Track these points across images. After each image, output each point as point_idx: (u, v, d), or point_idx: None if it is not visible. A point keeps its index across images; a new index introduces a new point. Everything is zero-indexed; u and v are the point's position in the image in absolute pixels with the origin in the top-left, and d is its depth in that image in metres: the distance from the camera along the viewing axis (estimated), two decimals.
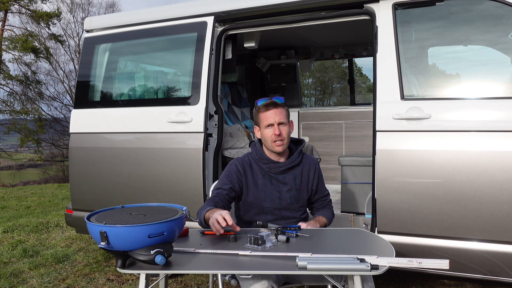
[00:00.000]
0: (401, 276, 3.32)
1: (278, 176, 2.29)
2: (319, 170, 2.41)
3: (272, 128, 2.22)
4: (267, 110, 2.23)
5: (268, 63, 5.23)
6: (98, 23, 3.70)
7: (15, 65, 26.60)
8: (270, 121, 2.22)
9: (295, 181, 2.31)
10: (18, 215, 6.15)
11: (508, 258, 2.33)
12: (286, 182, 2.30)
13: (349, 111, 4.82)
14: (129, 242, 1.55)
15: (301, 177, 2.33)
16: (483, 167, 2.36)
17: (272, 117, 2.22)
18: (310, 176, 2.36)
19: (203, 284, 3.31)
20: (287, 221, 2.31)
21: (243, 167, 2.30)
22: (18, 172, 23.63)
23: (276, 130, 2.20)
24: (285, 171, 2.30)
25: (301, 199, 2.34)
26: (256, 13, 3.10)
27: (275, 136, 2.21)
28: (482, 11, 2.51)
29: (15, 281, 3.45)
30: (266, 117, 2.23)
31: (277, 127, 2.21)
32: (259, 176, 2.29)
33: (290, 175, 2.31)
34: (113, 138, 3.46)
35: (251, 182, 2.28)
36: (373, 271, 1.51)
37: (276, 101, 2.25)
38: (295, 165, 2.32)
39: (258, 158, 2.30)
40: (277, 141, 2.22)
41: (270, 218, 2.29)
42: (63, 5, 23.29)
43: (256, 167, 2.31)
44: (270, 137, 2.22)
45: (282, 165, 2.28)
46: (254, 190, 2.28)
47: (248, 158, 2.35)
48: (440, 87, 2.65)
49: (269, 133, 2.22)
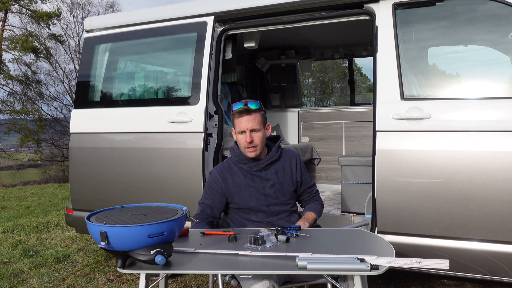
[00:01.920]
0: (401, 276, 3.32)
1: (260, 173, 2.32)
2: (300, 162, 2.44)
3: (244, 134, 2.24)
4: (240, 117, 2.24)
5: (268, 63, 5.23)
6: (98, 23, 3.70)
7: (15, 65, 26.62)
8: (242, 127, 2.24)
9: (277, 175, 2.34)
10: (18, 215, 6.15)
11: (508, 258, 2.33)
12: (269, 177, 2.32)
13: (349, 111, 4.82)
14: (129, 242, 1.55)
15: (283, 171, 2.36)
16: (483, 167, 2.36)
17: (244, 124, 2.23)
18: (293, 168, 2.39)
19: (203, 284, 3.31)
20: (279, 217, 2.32)
21: (222, 173, 2.33)
22: (18, 172, 23.63)
23: (247, 138, 2.22)
24: (265, 167, 2.32)
25: (286, 192, 2.35)
26: (256, 13, 3.10)
27: (246, 143, 2.24)
28: (482, 11, 2.51)
29: (15, 281, 3.45)
30: (239, 123, 2.25)
31: (249, 134, 2.22)
32: (240, 178, 2.31)
33: (271, 170, 2.33)
34: (113, 138, 3.46)
35: (233, 186, 2.31)
36: (373, 271, 1.51)
37: (250, 107, 2.24)
38: (275, 160, 2.35)
39: (237, 160, 2.33)
40: (249, 147, 2.24)
41: (262, 216, 2.30)
42: (63, 5, 23.34)
43: (236, 169, 2.33)
44: (243, 143, 2.26)
45: (262, 161, 2.31)
46: (237, 192, 2.30)
47: (227, 162, 2.39)
48: (440, 87, 2.65)
49: (242, 139, 2.25)
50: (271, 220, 2.30)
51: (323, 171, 4.89)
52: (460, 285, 3.15)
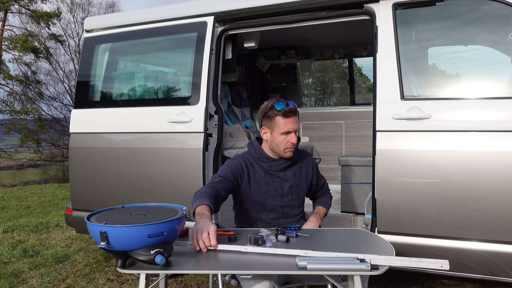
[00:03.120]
0: (401, 276, 3.32)
1: (279, 173, 2.31)
2: (315, 164, 2.46)
3: (289, 135, 2.21)
4: (288, 117, 2.21)
5: (268, 63, 5.23)
6: (98, 23, 3.70)
7: (15, 65, 26.62)
8: (289, 128, 2.20)
9: (295, 177, 2.34)
10: (18, 215, 6.15)
11: (508, 258, 2.33)
12: (288, 178, 2.32)
13: (349, 111, 4.82)
14: (129, 242, 1.55)
15: (301, 173, 2.37)
16: (483, 167, 2.36)
17: (291, 125, 2.21)
18: (309, 171, 2.40)
19: (203, 284, 3.31)
20: (289, 220, 2.32)
21: (245, 164, 2.29)
22: (18, 172, 23.61)
23: (293, 139, 2.21)
24: (286, 168, 2.32)
25: (300, 195, 2.37)
26: (256, 13, 3.10)
27: (290, 144, 2.22)
28: (483, 11, 2.51)
29: (15, 281, 3.45)
30: (285, 124, 2.20)
31: (294, 135, 2.22)
32: (260, 174, 2.29)
33: (290, 172, 2.33)
34: (113, 138, 3.45)
35: (253, 180, 2.28)
36: (373, 271, 1.51)
37: (295, 108, 2.24)
38: (294, 161, 2.35)
39: (257, 157, 2.31)
40: (291, 148, 2.24)
41: (273, 216, 2.30)
42: (63, 5, 23.30)
43: (256, 165, 2.31)
44: (285, 144, 2.22)
45: (283, 162, 2.30)
46: (256, 187, 2.28)
47: (246, 157, 2.35)
48: (440, 87, 2.65)
49: (284, 140, 2.22)
50: (281, 223, 2.28)
51: (323, 171, 4.86)
52: (460, 285, 3.15)
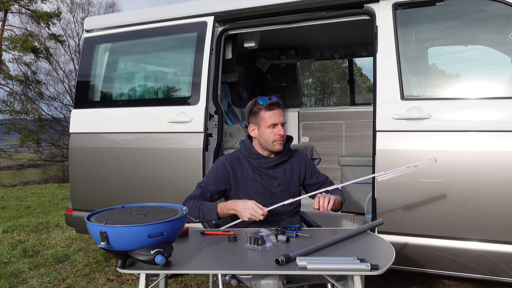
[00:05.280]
0: (401, 276, 3.32)
1: (268, 171, 2.32)
2: (309, 163, 2.45)
3: (276, 128, 2.24)
4: (271, 110, 2.25)
5: (268, 63, 5.23)
6: (98, 23, 3.70)
7: (15, 65, 26.58)
8: (274, 121, 2.24)
9: (285, 175, 2.34)
10: (18, 215, 6.15)
11: (508, 258, 2.33)
12: (276, 176, 2.32)
13: (349, 111, 4.82)
14: (129, 242, 1.55)
15: (291, 171, 2.37)
16: (483, 167, 2.36)
17: (276, 118, 2.25)
18: (301, 169, 2.40)
19: (203, 284, 3.31)
20: (282, 217, 2.31)
21: (231, 163, 2.31)
22: (18, 172, 23.60)
23: (281, 131, 2.24)
24: (275, 165, 2.32)
25: (291, 193, 2.35)
26: (256, 13, 3.10)
27: (278, 136, 2.24)
28: (483, 11, 2.51)
29: (15, 281, 3.45)
30: (271, 117, 2.24)
31: (281, 127, 2.24)
32: (249, 171, 2.31)
33: (280, 170, 2.34)
34: (113, 138, 3.45)
35: (241, 178, 2.30)
36: (373, 271, 1.51)
37: (278, 101, 2.28)
38: (285, 160, 2.36)
39: (247, 154, 2.32)
40: (280, 140, 2.25)
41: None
42: (63, 5, 23.25)
43: (245, 162, 2.33)
44: (273, 137, 2.24)
45: (272, 160, 2.31)
46: (244, 186, 2.30)
47: (237, 154, 2.37)
48: (440, 87, 2.65)
49: (272, 132, 2.24)
50: (273, 220, 2.29)
51: (323, 171, 4.84)
52: (460, 285, 3.15)
